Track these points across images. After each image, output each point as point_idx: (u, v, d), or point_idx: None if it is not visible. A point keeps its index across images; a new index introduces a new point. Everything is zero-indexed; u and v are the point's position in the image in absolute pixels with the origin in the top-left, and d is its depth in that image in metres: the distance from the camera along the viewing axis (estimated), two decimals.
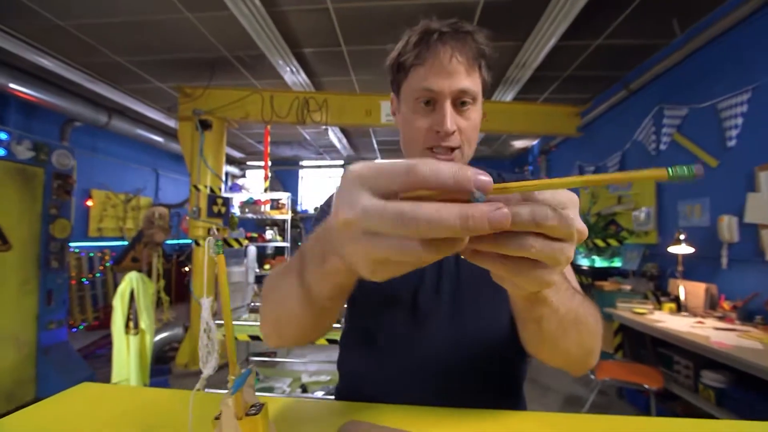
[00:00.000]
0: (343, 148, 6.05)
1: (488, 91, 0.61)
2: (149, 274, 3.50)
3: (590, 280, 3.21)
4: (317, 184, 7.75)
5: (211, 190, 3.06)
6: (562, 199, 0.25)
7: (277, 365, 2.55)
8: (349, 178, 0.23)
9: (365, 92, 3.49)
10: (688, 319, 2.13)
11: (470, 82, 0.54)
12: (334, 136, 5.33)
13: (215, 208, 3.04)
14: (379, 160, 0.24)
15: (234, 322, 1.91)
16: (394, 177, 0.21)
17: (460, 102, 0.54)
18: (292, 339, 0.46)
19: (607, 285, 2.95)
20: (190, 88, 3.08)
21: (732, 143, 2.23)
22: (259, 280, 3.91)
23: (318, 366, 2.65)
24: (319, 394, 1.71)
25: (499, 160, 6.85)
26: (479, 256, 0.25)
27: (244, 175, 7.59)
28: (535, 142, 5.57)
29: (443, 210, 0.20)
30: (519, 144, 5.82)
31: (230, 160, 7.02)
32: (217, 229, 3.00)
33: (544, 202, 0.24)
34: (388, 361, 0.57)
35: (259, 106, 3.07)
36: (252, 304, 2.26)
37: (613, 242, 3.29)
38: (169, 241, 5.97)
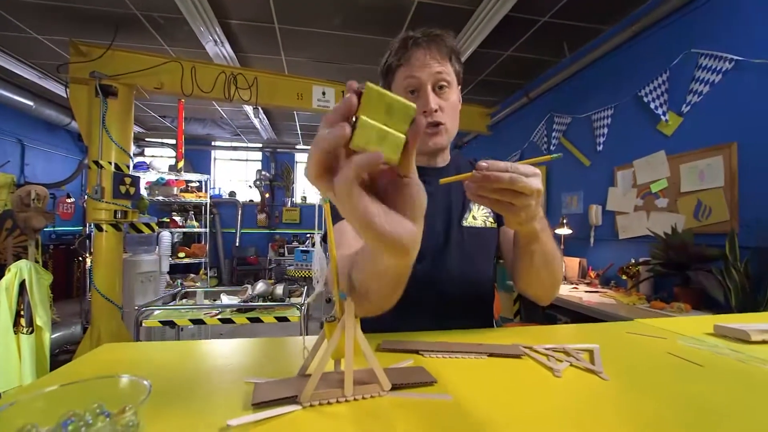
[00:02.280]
0: (263, 130, 5.76)
1: (461, 78, 0.78)
2: None
3: (496, 260, 3.74)
4: (231, 166, 7.22)
5: (117, 168, 2.69)
6: (528, 170, 0.46)
7: None
8: None
9: (294, 74, 3.41)
10: (567, 287, 2.70)
11: (444, 69, 0.70)
12: (256, 117, 5.04)
13: (122, 188, 2.68)
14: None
15: (172, 306, 1.78)
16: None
17: (438, 86, 0.70)
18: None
19: None
20: (86, 46, 2.62)
21: (600, 147, 2.85)
22: (173, 269, 3.54)
23: None
24: None
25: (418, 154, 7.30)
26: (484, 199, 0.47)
27: (142, 153, 6.66)
28: None
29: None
30: None
31: None
32: (126, 212, 2.66)
33: (517, 170, 0.45)
34: (410, 306, 0.69)
35: (178, 77, 2.77)
36: (182, 290, 2.10)
37: None
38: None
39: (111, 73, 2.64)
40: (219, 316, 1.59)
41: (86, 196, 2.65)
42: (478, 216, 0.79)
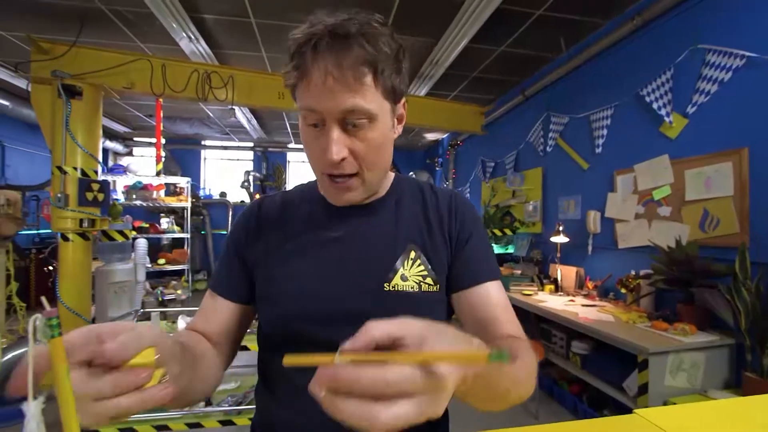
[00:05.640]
0: (253, 130, 5.59)
1: (402, 91, 0.52)
2: None
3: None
4: (223, 166, 7.06)
5: (83, 173, 2.52)
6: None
7: None
8: None
9: (278, 71, 3.23)
10: (563, 298, 2.53)
11: (359, 98, 0.45)
12: (243, 117, 4.87)
13: (89, 195, 2.52)
14: None
15: None
16: None
17: (350, 123, 0.47)
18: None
19: (503, 270, 3.32)
20: (47, 43, 2.45)
21: (599, 150, 2.67)
22: (150, 276, 3.39)
23: None
24: (225, 406, 1.57)
25: (413, 151, 7.13)
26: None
27: (130, 153, 6.50)
28: (445, 135, 5.91)
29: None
30: (430, 136, 6.12)
31: (111, 135, 5.92)
32: (94, 221, 2.49)
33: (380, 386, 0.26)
34: (310, 407, 0.52)
35: (147, 76, 2.60)
36: (141, 310, 1.95)
37: (508, 231, 3.71)
38: (25, 231, 4.81)
39: (75, 72, 2.47)
40: None
41: (50, 204, 2.50)
42: (410, 276, 0.55)
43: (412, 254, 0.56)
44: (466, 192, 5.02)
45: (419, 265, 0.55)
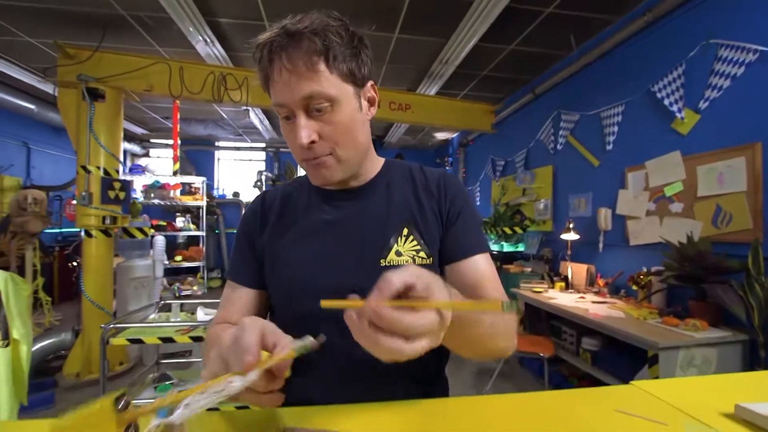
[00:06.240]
0: (265, 131, 5.69)
1: (365, 74, 0.57)
2: (22, 271, 2.93)
3: (499, 264, 3.58)
4: (236, 166, 7.19)
5: (105, 172, 2.63)
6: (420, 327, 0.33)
7: (192, 365, 2.35)
8: None
9: None
10: (574, 295, 2.53)
11: (315, 84, 0.50)
12: (256, 118, 4.98)
13: (111, 194, 2.63)
14: None
15: (142, 324, 1.71)
16: None
17: (314, 109, 0.52)
18: None
19: (513, 268, 3.33)
20: (73, 48, 2.56)
21: (610, 147, 2.66)
22: (167, 273, 3.50)
23: None
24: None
25: (423, 150, 7.15)
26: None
27: (147, 154, 6.68)
28: (455, 134, 5.92)
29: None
30: (440, 136, 6.13)
31: (129, 137, 6.10)
32: (115, 218, 2.59)
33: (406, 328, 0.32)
34: (321, 370, 0.57)
35: (165, 78, 2.70)
36: (161, 302, 2.03)
37: (518, 230, 3.71)
38: (49, 230, 5.00)
39: (98, 76, 2.58)
40: (191, 334, 1.51)
41: (74, 202, 2.61)
42: (405, 251, 0.59)
43: (405, 231, 0.60)
44: (476, 191, 5.03)
45: (412, 240, 0.60)
